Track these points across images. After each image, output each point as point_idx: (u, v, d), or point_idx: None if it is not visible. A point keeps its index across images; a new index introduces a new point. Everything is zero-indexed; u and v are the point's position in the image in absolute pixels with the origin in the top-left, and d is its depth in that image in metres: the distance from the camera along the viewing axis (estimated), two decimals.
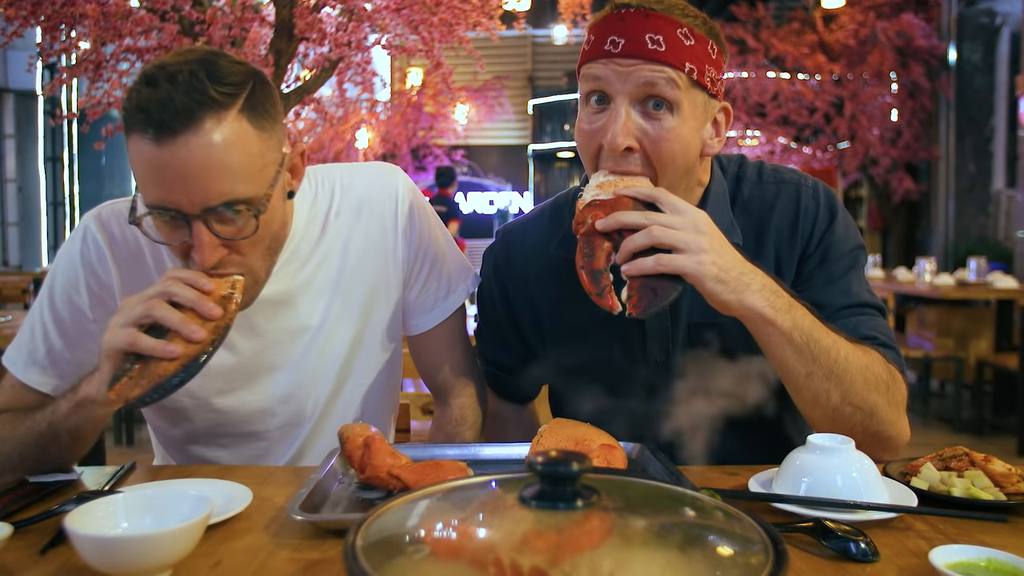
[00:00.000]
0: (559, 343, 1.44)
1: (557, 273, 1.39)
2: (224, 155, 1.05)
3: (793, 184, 1.34)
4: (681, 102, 1.17)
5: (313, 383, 1.40)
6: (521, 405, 1.61)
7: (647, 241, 1.06)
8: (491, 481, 0.73)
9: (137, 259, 1.32)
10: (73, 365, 1.30)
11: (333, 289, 1.38)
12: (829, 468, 1.01)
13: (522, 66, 14.05)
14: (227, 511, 0.98)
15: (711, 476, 1.19)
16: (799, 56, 9.48)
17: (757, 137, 10.46)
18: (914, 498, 1.01)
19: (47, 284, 1.32)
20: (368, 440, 1.10)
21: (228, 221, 1.10)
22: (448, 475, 1.06)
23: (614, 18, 1.19)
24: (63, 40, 3.46)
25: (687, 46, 1.17)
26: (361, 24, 3.57)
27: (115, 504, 0.88)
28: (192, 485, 1.09)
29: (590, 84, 1.21)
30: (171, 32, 3.24)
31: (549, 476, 0.64)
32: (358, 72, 4.10)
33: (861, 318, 1.28)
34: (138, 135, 1.04)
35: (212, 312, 1.04)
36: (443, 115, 9.91)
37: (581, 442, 1.15)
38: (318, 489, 1.06)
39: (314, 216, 1.37)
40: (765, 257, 1.31)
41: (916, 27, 9.11)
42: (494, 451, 1.30)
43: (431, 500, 0.71)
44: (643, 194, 1.12)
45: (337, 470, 1.15)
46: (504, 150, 14.42)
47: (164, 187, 1.05)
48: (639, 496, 0.72)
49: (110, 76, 3.55)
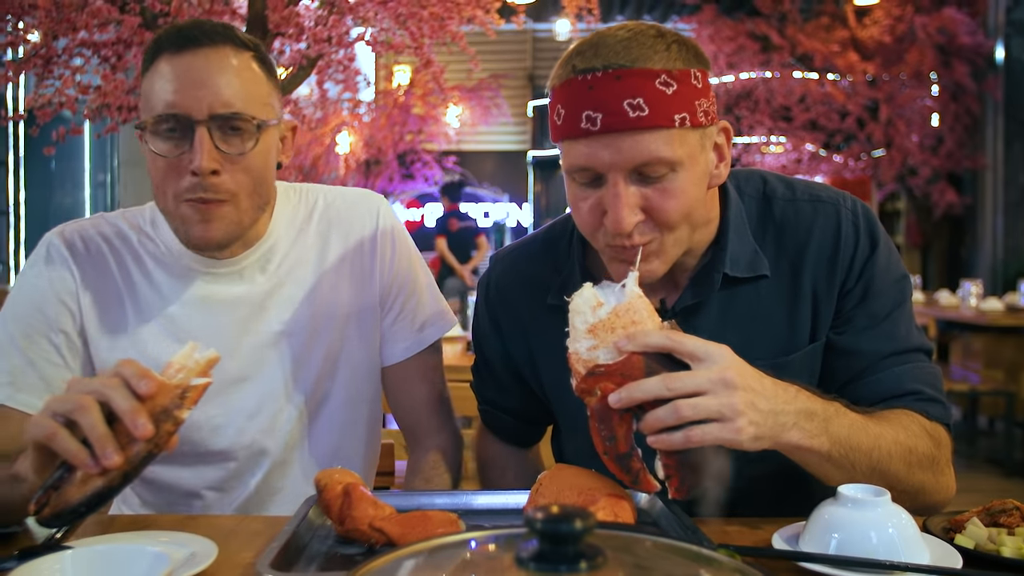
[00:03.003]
0: (559, 386, 1.43)
1: (553, 319, 1.36)
2: (238, 74, 1.30)
3: (832, 204, 1.32)
4: (680, 158, 1.15)
5: (284, 397, 1.45)
6: (522, 448, 1.62)
7: (674, 420, 1.01)
8: (485, 538, 0.73)
9: (103, 276, 1.40)
10: (45, 382, 1.36)
11: (306, 299, 1.47)
12: (862, 523, 1.01)
13: (521, 64, 14.15)
14: (189, 569, 0.98)
15: (729, 530, 1.19)
16: (829, 54, 9.57)
17: (782, 144, 10.52)
18: (959, 558, 1.01)
19: (9, 304, 1.40)
20: (348, 488, 1.10)
21: (229, 137, 1.29)
22: (437, 528, 1.06)
23: (582, 88, 1.14)
24: (9, 32, 3.48)
25: (670, 95, 1.13)
26: (343, 18, 3.60)
27: (63, 562, 0.87)
28: (149, 539, 1.09)
29: (575, 162, 1.18)
30: (131, 25, 3.27)
31: (549, 535, 0.65)
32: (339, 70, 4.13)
33: (905, 367, 1.29)
34: (163, 53, 1.29)
35: (140, 430, 0.99)
36: (433, 117, 9.98)
37: (585, 492, 1.15)
38: (291, 543, 1.05)
39: (293, 221, 1.50)
40: (802, 292, 1.31)
41: (960, 23, 9.20)
42: (488, 500, 1.30)
43: (417, 559, 0.71)
44: (653, 346, 1.05)
45: (313, 521, 1.15)
46: (501, 156, 14.47)
47: (179, 92, 1.26)
48: (650, 555, 0.72)
49: (62, 73, 3.57)
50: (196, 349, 1.08)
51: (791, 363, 1.30)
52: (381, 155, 9.94)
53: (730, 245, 1.30)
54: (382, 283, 1.53)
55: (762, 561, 1.02)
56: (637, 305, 1.08)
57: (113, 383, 1.01)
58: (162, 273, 1.41)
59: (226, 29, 1.33)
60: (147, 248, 1.42)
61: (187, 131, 1.27)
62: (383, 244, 1.53)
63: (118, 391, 1.00)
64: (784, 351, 1.31)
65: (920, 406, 1.26)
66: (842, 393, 1.31)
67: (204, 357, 1.07)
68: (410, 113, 9.71)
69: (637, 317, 1.07)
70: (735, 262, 1.29)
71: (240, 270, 1.43)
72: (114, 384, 1.01)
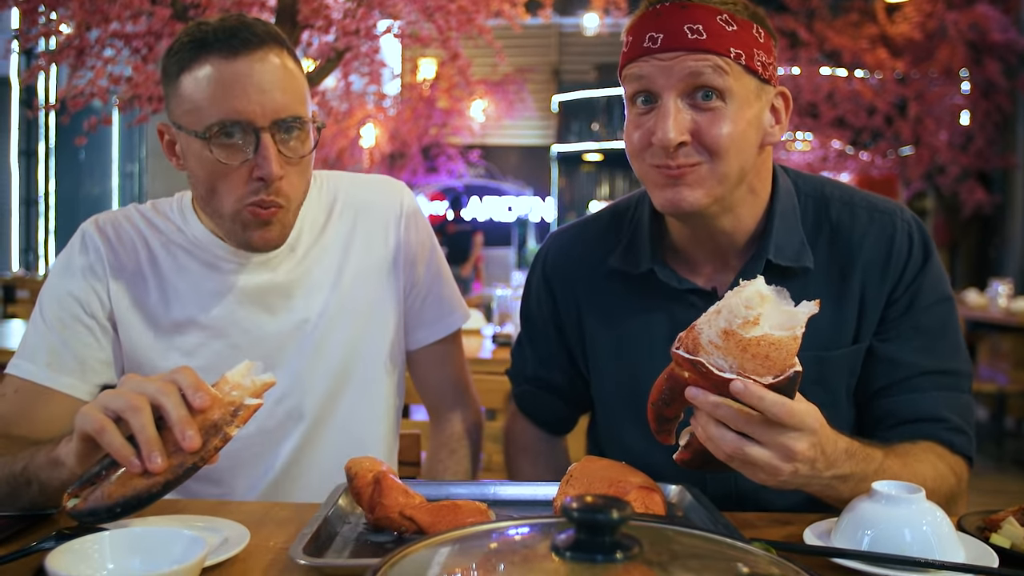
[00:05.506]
0: (606, 361, 1.45)
1: (611, 286, 1.43)
2: (290, 75, 1.32)
3: (889, 215, 1.35)
4: (732, 89, 1.21)
5: (309, 381, 1.47)
6: (556, 435, 1.63)
7: (728, 451, 1.02)
8: (519, 527, 0.73)
9: (134, 264, 1.43)
10: (80, 363, 1.40)
11: (332, 285, 1.49)
12: (896, 520, 1.00)
13: (547, 58, 14.13)
14: (222, 553, 0.99)
15: (759, 524, 1.19)
16: (857, 51, 9.47)
17: (809, 141, 10.44)
18: (994, 557, 1.00)
19: (46, 289, 1.43)
20: (379, 476, 1.11)
21: (289, 139, 1.31)
22: (467, 518, 1.06)
23: (650, 15, 1.24)
24: (43, 23, 3.52)
25: (730, 31, 1.21)
26: (371, 11, 3.61)
27: (100, 543, 0.88)
28: (184, 522, 1.10)
29: (633, 85, 1.25)
30: (163, 17, 3.29)
31: (586, 524, 0.64)
32: (365, 63, 4.14)
33: (939, 393, 1.31)
34: (211, 57, 1.27)
35: (188, 442, 0.99)
36: (458, 111, 9.99)
37: (615, 483, 1.15)
38: (323, 529, 1.06)
39: (318, 211, 1.52)
40: (850, 293, 1.32)
41: (992, 19, 9.06)
42: (516, 491, 1.30)
43: (451, 547, 0.71)
44: (769, 409, 0.96)
45: (343, 508, 1.16)
46: (525, 151, 14.47)
47: (240, 99, 1.26)
48: (685, 548, 0.72)
49: (94, 64, 3.60)
50: (252, 368, 1.07)
51: (833, 359, 1.33)
52: (405, 148, 9.98)
53: (775, 233, 1.31)
54: (407, 269, 1.56)
55: (795, 556, 1.01)
56: (788, 345, 0.95)
57: (168, 389, 1.01)
58: (191, 262, 1.43)
59: (267, 28, 1.32)
60: (176, 239, 1.44)
61: (249, 138, 1.28)
62: (407, 232, 1.56)
63: (172, 398, 1.00)
64: (826, 347, 1.32)
65: (947, 436, 1.29)
66: (875, 402, 1.34)
67: (260, 380, 1.06)
68: (435, 106, 9.73)
69: (775, 355, 0.95)
70: (780, 250, 1.31)
71: (267, 260, 1.44)
72: (169, 391, 1.01)
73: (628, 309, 1.42)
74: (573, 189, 14.77)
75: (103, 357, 1.42)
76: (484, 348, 3.73)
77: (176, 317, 1.43)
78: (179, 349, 1.42)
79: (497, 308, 3.99)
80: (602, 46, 13.59)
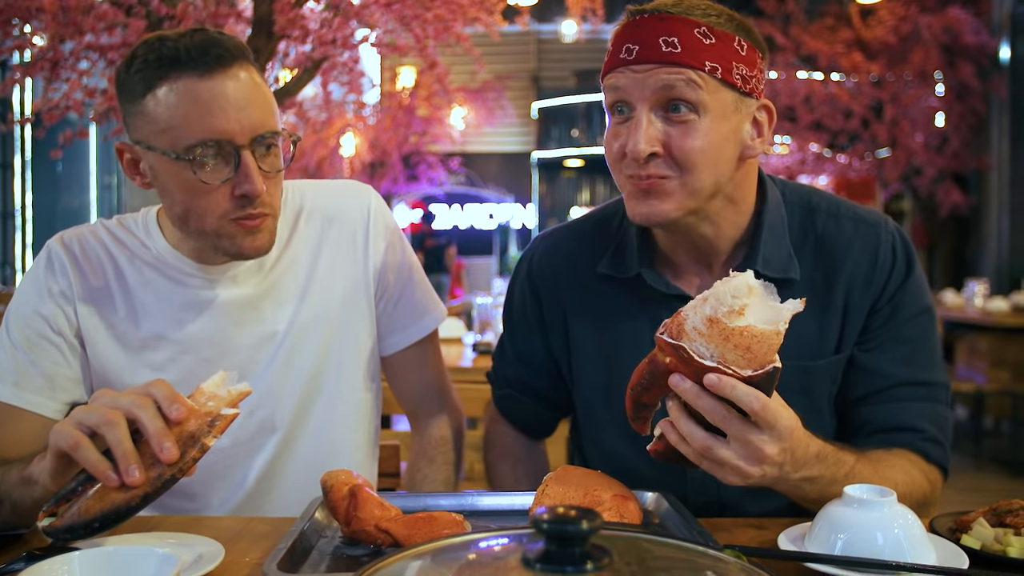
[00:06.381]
0: (591, 364, 1.46)
1: (599, 289, 1.43)
2: (260, 90, 1.30)
3: (873, 226, 1.36)
4: (705, 102, 1.21)
5: (281, 391, 1.46)
6: (535, 439, 1.63)
7: (699, 447, 1.04)
8: (491, 539, 0.73)
9: (100, 280, 1.42)
10: (49, 381, 1.38)
11: (300, 295, 1.48)
12: (868, 524, 1.01)
13: (525, 65, 14.17)
14: (196, 570, 0.98)
15: (735, 530, 1.19)
16: (833, 54, 9.56)
17: (787, 144, 10.51)
18: (965, 559, 1.01)
19: (12, 307, 1.41)
20: (354, 489, 1.10)
21: (268, 155, 1.31)
22: (443, 530, 1.06)
23: (630, 25, 1.25)
24: (16, 36, 3.49)
25: (707, 44, 1.21)
26: (348, 20, 3.60)
27: (71, 563, 0.88)
28: (157, 540, 1.09)
29: (611, 95, 1.26)
30: (137, 28, 3.27)
31: (556, 535, 0.65)
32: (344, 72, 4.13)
33: (917, 404, 1.32)
34: (183, 75, 1.24)
35: (166, 454, 0.98)
36: (437, 119, 9.99)
37: (591, 492, 1.15)
38: (298, 544, 1.06)
39: (284, 220, 1.49)
40: (834, 303, 1.33)
41: (964, 22, 9.19)
42: (494, 501, 1.30)
43: (423, 560, 0.71)
44: (743, 399, 0.98)
45: (319, 522, 1.15)
46: (505, 158, 14.49)
47: (219, 117, 1.24)
48: (655, 558, 0.72)
49: (68, 76, 3.57)
50: (227, 378, 1.07)
51: (816, 368, 1.34)
52: (386, 157, 9.96)
53: (763, 245, 1.32)
54: (377, 274, 1.54)
55: (768, 562, 1.02)
56: (770, 340, 0.96)
57: (144, 402, 1.00)
58: (158, 278, 1.42)
59: (235, 42, 1.31)
60: (142, 254, 1.43)
61: (228, 156, 1.26)
62: (376, 237, 1.55)
63: (148, 411, 1.00)
64: (811, 357, 1.33)
65: (922, 446, 1.30)
66: (854, 411, 1.36)
67: (236, 389, 1.06)
68: (415, 115, 9.72)
69: (757, 347, 0.96)
70: (767, 262, 1.32)
71: (235, 275, 1.43)
72: (144, 403, 1.00)
73: (615, 313, 1.42)
74: (554, 195, 14.80)
75: (71, 375, 1.40)
76: (464, 356, 3.73)
77: (145, 333, 1.41)
78: (149, 365, 1.41)
79: (477, 316, 3.98)
80: (580, 52, 13.63)
